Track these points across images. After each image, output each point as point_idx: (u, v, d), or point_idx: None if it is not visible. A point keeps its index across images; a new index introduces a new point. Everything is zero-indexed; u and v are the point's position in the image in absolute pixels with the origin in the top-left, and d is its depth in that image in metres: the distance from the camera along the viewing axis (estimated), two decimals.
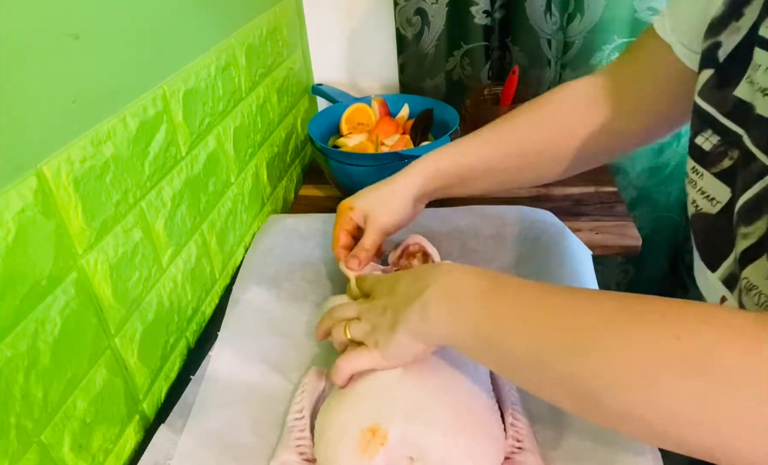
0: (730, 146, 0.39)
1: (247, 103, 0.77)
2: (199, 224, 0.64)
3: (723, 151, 0.39)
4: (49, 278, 0.42)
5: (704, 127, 0.41)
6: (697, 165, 0.41)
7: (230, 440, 0.49)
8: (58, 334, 0.43)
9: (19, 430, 0.39)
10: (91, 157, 0.46)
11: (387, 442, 0.41)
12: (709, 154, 0.40)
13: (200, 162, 0.64)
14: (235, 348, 0.58)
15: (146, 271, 0.54)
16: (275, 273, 0.69)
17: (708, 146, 0.40)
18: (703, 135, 0.41)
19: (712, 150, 0.40)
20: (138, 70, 0.53)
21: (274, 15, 0.87)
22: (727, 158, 0.39)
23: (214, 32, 0.68)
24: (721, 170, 0.39)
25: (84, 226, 0.45)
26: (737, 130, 0.38)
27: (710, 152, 0.40)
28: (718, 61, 0.40)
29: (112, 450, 0.50)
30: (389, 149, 0.86)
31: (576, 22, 0.93)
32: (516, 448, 0.45)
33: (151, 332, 0.55)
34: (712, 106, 0.40)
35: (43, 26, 0.41)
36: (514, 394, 0.50)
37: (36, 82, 0.41)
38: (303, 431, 0.48)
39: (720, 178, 0.39)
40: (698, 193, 0.41)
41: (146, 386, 0.55)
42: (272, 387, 0.55)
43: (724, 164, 0.39)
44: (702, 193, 0.41)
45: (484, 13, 0.97)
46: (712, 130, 0.40)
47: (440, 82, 1.05)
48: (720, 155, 0.39)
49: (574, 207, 0.83)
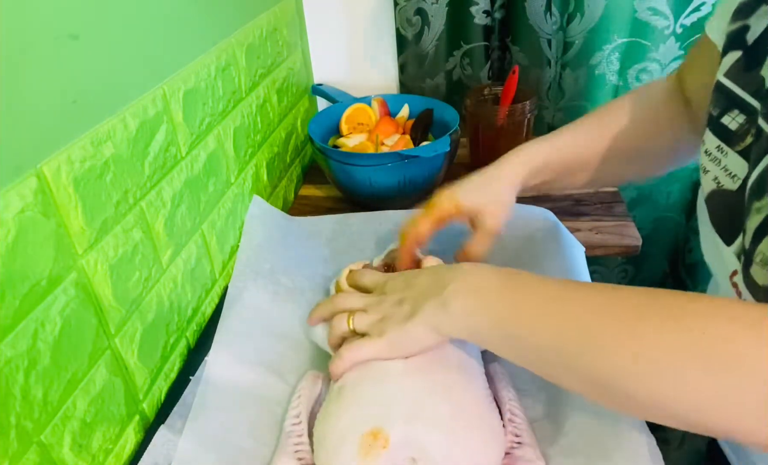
0: (753, 124, 0.40)
1: (247, 103, 0.77)
2: (199, 224, 0.64)
3: (747, 129, 0.40)
4: (49, 278, 0.42)
5: (731, 107, 0.42)
6: (723, 144, 0.42)
7: (228, 444, 0.49)
8: (58, 334, 0.43)
9: (19, 430, 0.39)
10: (91, 157, 0.46)
11: (389, 445, 0.41)
12: (734, 132, 0.41)
13: (200, 162, 0.64)
14: (232, 350, 0.58)
15: (146, 271, 0.54)
16: (272, 268, 0.68)
17: (734, 126, 0.41)
18: (730, 115, 0.42)
19: (738, 129, 0.41)
20: (138, 70, 0.53)
21: (274, 15, 0.87)
22: (750, 135, 0.40)
23: (214, 32, 0.68)
24: (744, 147, 0.41)
25: (84, 226, 0.45)
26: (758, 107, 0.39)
27: (736, 131, 0.41)
28: (747, 44, 0.41)
29: (112, 450, 0.50)
30: (389, 149, 0.86)
31: (576, 22, 0.93)
32: (515, 442, 0.46)
33: (151, 332, 0.55)
34: (740, 86, 0.41)
35: (43, 26, 0.41)
36: (511, 391, 0.50)
37: (36, 82, 0.41)
38: (301, 436, 0.48)
39: (742, 155, 0.41)
40: (722, 170, 0.42)
41: (146, 386, 0.55)
42: (270, 389, 0.54)
43: (747, 141, 0.40)
44: (726, 170, 0.42)
45: (484, 13, 0.97)
46: (739, 110, 0.41)
47: (440, 82, 1.05)
48: (744, 133, 0.41)
49: (574, 207, 0.83)
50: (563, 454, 0.45)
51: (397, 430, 0.42)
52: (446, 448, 0.42)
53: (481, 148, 0.92)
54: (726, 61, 0.43)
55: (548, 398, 0.51)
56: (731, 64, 0.42)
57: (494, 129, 0.88)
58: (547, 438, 0.47)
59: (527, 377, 0.54)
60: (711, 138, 0.44)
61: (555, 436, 0.47)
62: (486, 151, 0.91)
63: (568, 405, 0.48)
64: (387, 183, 0.80)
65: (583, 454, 0.44)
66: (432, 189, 0.87)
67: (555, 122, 1.06)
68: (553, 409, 0.49)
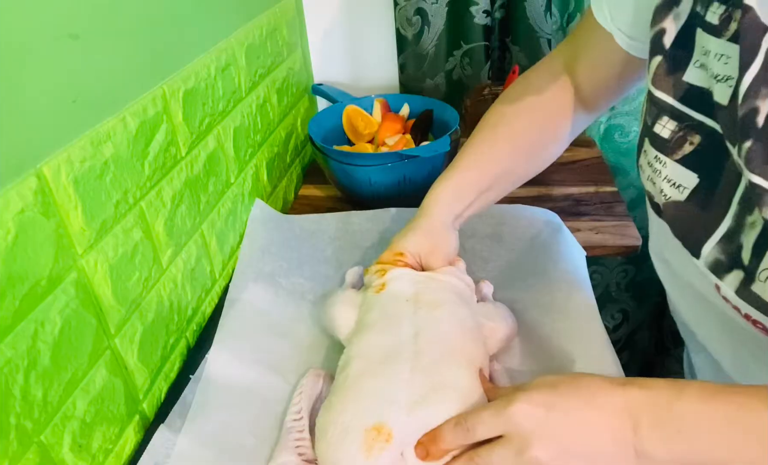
0: (689, 131, 0.39)
1: (247, 103, 0.77)
2: (199, 224, 0.64)
3: (682, 136, 0.40)
4: (48, 278, 0.42)
5: (660, 115, 0.42)
6: (660, 154, 0.42)
7: (229, 442, 0.49)
8: (58, 335, 0.43)
9: (19, 430, 0.39)
10: (91, 157, 0.46)
11: (392, 440, 0.41)
12: (668, 140, 0.41)
13: (200, 162, 0.64)
14: (232, 349, 0.58)
15: (146, 271, 0.54)
16: (272, 270, 0.68)
17: (666, 133, 0.41)
18: (660, 122, 0.42)
19: (671, 136, 0.41)
20: (138, 70, 0.53)
21: (274, 15, 0.87)
22: (688, 144, 0.39)
23: (214, 32, 0.68)
24: (683, 156, 0.40)
25: (84, 226, 0.45)
26: (695, 116, 0.39)
27: (669, 139, 0.41)
28: (665, 48, 0.41)
29: (112, 450, 0.50)
30: (389, 149, 0.86)
31: (576, 22, 0.93)
32: None
33: (151, 332, 0.55)
34: (665, 92, 0.41)
35: (43, 26, 0.41)
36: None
37: (36, 82, 0.41)
38: (302, 432, 0.48)
39: (684, 164, 0.40)
40: (664, 181, 0.41)
41: (146, 386, 0.55)
42: (270, 388, 0.55)
43: (686, 150, 0.39)
44: (668, 180, 0.41)
45: (484, 13, 0.97)
46: (668, 117, 0.41)
47: (440, 82, 1.05)
48: (680, 141, 0.40)
49: (574, 207, 0.83)
50: None
51: (400, 426, 0.42)
52: None
53: None
54: (651, 67, 0.43)
55: None
56: (654, 69, 0.42)
57: None
58: None
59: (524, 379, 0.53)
60: (650, 148, 0.43)
61: None
62: None
63: None
64: (387, 183, 0.80)
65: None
66: None
67: None
68: None
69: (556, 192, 0.87)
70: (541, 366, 0.54)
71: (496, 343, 0.54)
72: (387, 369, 0.46)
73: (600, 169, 0.92)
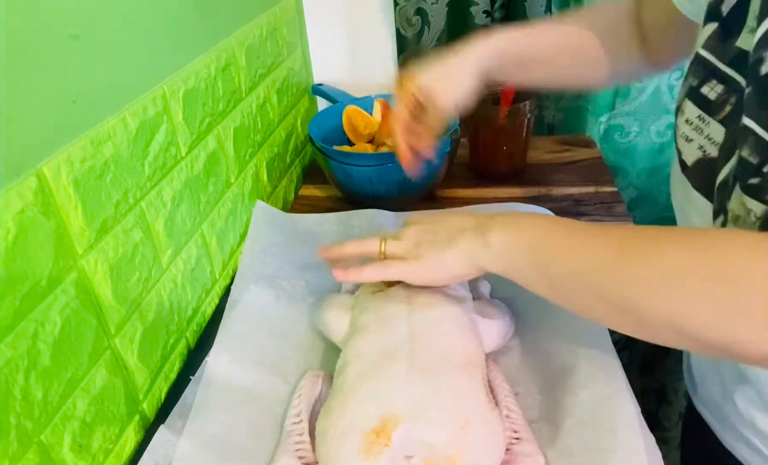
0: (732, 94, 0.41)
1: (247, 103, 0.77)
2: (199, 224, 0.64)
3: (726, 98, 0.42)
4: (48, 278, 0.42)
5: (709, 78, 0.43)
6: (704, 113, 0.44)
7: (229, 444, 0.49)
8: (58, 335, 0.43)
9: (19, 430, 0.39)
10: (91, 158, 0.46)
11: (391, 443, 0.41)
12: (714, 102, 0.43)
13: (200, 162, 0.64)
14: (232, 350, 0.58)
15: (146, 271, 0.54)
16: (274, 272, 0.68)
17: (713, 95, 0.43)
18: (708, 85, 0.44)
19: (717, 99, 0.43)
20: (138, 70, 0.53)
21: (274, 15, 0.87)
22: (728, 104, 0.42)
23: (214, 32, 0.68)
24: (724, 116, 0.42)
25: (84, 226, 0.45)
26: (737, 78, 0.41)
27: (715, 100, 0.43)
28: (722, 15, 0.43)
29: (112, 450, 0.50)
30: (389, 149, 0.86)
31: None
32: (513, 438, 0.46)
33: (151, 332, 0.55)
34: (716, 57, 0.43)
35: (43, 26, 0.41)
36: (506, 387, 0.50)
37: (36, 82, 0.41)
38: (302, 435, 0.48)
39: (722, 124, 0.42)
40: (705, 139, 0.44)
41: (146, 386, 0.55)
42: (270, 389, 0.54)
43: (726, 110, 0.42)
44: (709, 139, 0.43)
45: (484, 13, 0.97)
46: (717, 80, 0.43)
47: None
48: (723, 103, 0.42)
49: (574, 207, 0.83)
50: (561, 457, 0.45)
51: (400, 429, 0.42)
52: (450, 448, 0.42)
53: (481, 148, 0.91)
54: (704, 32, 0.44)
55: (544, 400, 0.51)
56: (708, 35, 0.44)
57: (494, 129, 0.88)
58: (545, 440, 0.47)
59: (524, 379, 0.54)
60: (691, 107, 0.45)
61: (553, 438, 0.47)
62: (486, 151, 0.91)
63: (565, 406, 0.48)
64: (387, 183, 0.80)
65: (580, 456, 0.44)
66: (432, 189, 0.87)
67: (555, 122, 1.06)
68: (551, 411, 0.49)
69: (556, 192, 0.87)
70: (541, 366, 0.54)
71: (492, 341, 0.54)
72: (384, 371, 0.46)
73: (600, 169, 0.92)
